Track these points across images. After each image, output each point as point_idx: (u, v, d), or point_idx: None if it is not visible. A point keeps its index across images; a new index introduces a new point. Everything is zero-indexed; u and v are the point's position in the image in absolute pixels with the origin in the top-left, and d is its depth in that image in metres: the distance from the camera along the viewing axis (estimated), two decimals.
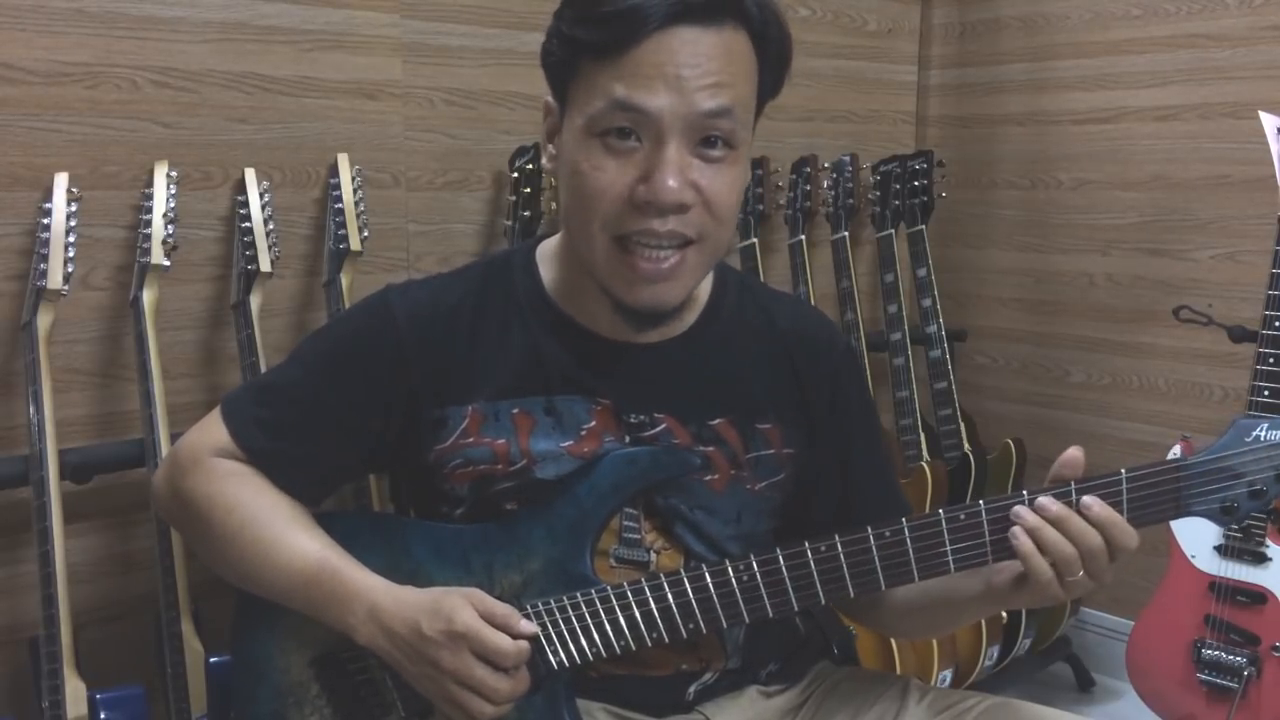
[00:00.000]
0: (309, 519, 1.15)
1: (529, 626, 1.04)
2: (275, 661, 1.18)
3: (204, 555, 1.19)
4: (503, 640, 1.00)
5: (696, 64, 0.98)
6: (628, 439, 1.15)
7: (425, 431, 1.15)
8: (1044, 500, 1.00)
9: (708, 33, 0.99)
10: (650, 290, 1.05)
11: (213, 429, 1.17)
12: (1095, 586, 1.02)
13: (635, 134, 1.00)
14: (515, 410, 1.14)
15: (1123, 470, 0.99)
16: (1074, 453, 1.02)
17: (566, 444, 1.14)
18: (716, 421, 1.17)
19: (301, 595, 1.09)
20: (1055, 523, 0.99)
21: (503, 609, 1.03)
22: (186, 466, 1.16)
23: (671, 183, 0.99)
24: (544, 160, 1.13)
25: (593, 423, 1.14)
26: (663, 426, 1.15)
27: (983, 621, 2.14)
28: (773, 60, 1.06)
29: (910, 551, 1.03)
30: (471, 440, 1.14)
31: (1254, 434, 0.98)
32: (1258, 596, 1.84)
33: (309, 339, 1.24)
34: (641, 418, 1.15)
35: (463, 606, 1.01)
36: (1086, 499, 0.99)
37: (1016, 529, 1.00)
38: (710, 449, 1.16)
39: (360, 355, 1.16)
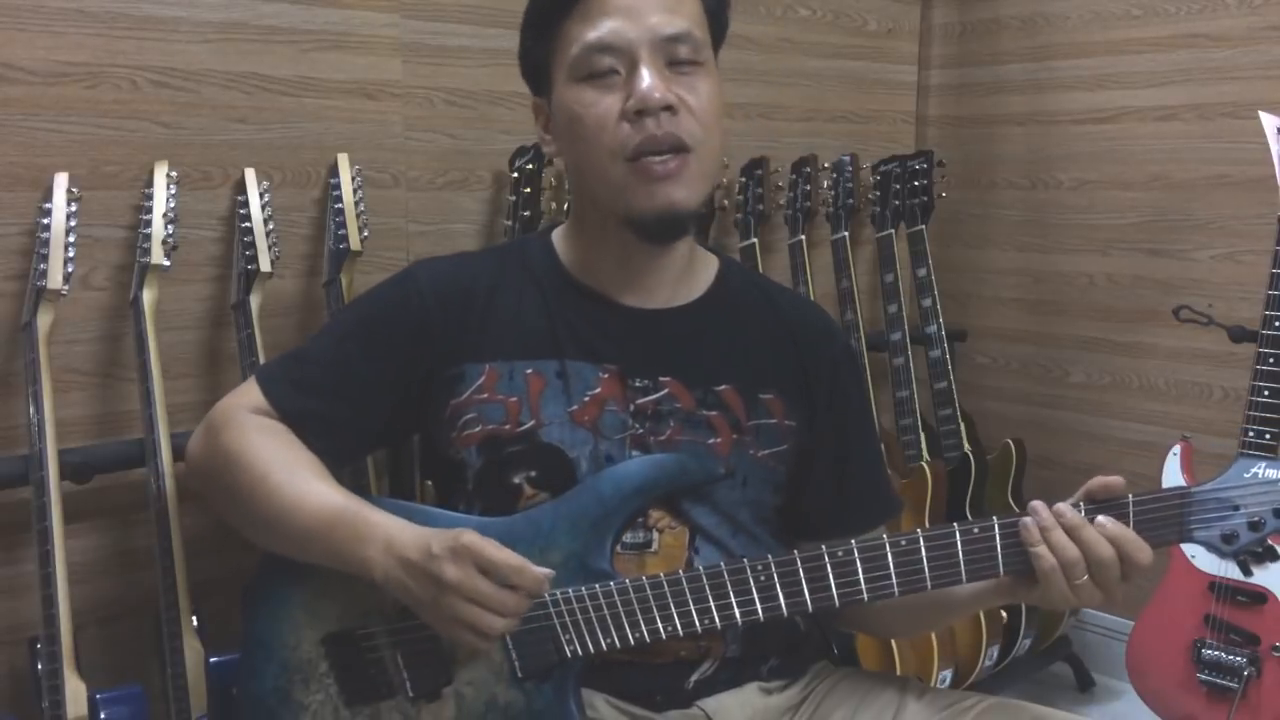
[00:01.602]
0: (332, 476, 1.17)
1: (542, 570, 1.04)
2: (286, 638, 1.19)
3: (232, 513, 1.19)
4: (508, 554, 1.01)
5: None
6: (632, 406, 1.18)
7: (442, 389, 1.20)
8: (1062, 506, 1.04)
9: None
10: (664, 191, 1.12)
11: (247, 391, 1.21)
12: (1105, 599, 1.04)
13: (613, 69, 1.11)
14: (529, 370, 1.19)
15: (1130, 496, 1.04)
16: (1115, 480, 1.05)
17: (571, 408, 1.17)
18: (721, 388, 1.21)
19: (323, 538, 1.09)
20: (1069, 529, 1.03)
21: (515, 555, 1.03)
22: (220, 424, 1.19)
23: (650, 84, 1.09)
24: (545, 149, 1.24)
25: (598, 389, 1.18)
26: (665, 391, 1.19)
27: (983, 621, 2.15)
28: None
29: (924, 561, 1.06)
30: (486, 396, 1.18)
31: (1253, 470, 1.04)
32: (1258, 596, 1.84)
33: (339, 312, 1.35)
34: (646, 382, 1.19)
35: (472, 531, 1.02)
36: (1101, 518, 1.03)
37: (1028, 521, 1.04)
38: (714, 414, 1.19)
39: (387, 320, 1.22)
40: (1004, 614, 2.22)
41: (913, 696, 1.22)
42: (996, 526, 1.05)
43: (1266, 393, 1.79)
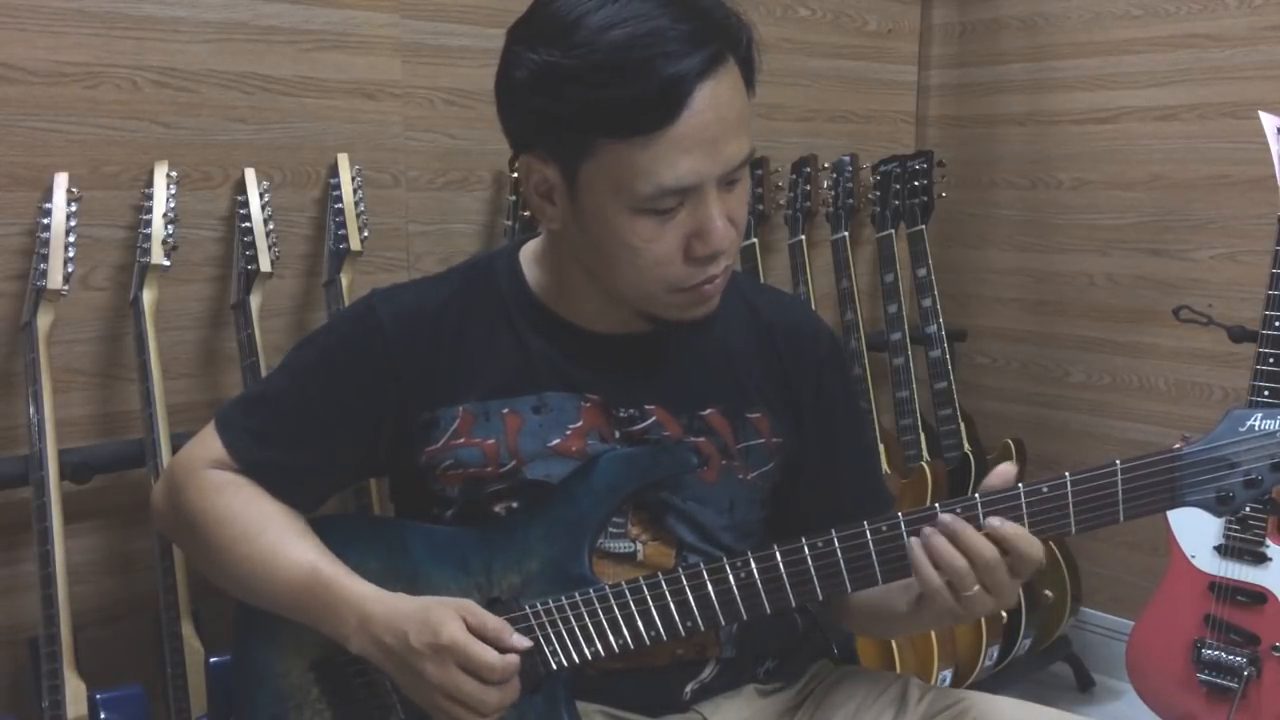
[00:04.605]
0: (302, 526, 1.15)
1: (521, 641, 1.03)
2: (275, 666, 1.19)
3: (203, 568, 1.19)
4: (490, 654, 1.00)
5: (723, 119, 0.99)
6: (618, 434, 1.15)
7: (416, 434, 1.16)
8: (945, 517, 0.99)
9: (720, 81, 0.99)
10: (706, 307, 1.10)
11: (207, 442, 1.18)
12: (998, 605, 1.01)
13: (679, 204, 1.01)
14: (505, 410, 1.14)
15: (1118, 461, 0.98)
16: (1006, 467, 1.02)
17: (553, 443, 1.14)
18: (707, 412, 1.17)
19: (295, 606, 1.09)
20: (950, 536, 0.99)
21: (495, 622, 1.02)
22: (181, 481, 1.17)
23: (721, 231, 1.02)
24: (544, 222, 1.10)
25: (580, 422, 1.14)
26: (652, 419, 1.16)
27: (983, 621, 2.14)
28: (751, 69, 1.07)
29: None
30: (462, 441, 1.14)
31: (1248, 423, 0.96)
32: (1258, 596, 1.84)
33: (297, 348, 1.24)
34: (631, 411, 1.15)
35: (451, 619, 1.01)
36: (992, 519, 0.98)
37: (913, 540, 1.00)
38: (701, 439, 1.16)
39: (348, 363, 1.16)
40: (1004, 614, 2.22)
41: (913, 696, 1.21)
42: (979, 504, 1.00)
43: (1266, 393, 1.79)
